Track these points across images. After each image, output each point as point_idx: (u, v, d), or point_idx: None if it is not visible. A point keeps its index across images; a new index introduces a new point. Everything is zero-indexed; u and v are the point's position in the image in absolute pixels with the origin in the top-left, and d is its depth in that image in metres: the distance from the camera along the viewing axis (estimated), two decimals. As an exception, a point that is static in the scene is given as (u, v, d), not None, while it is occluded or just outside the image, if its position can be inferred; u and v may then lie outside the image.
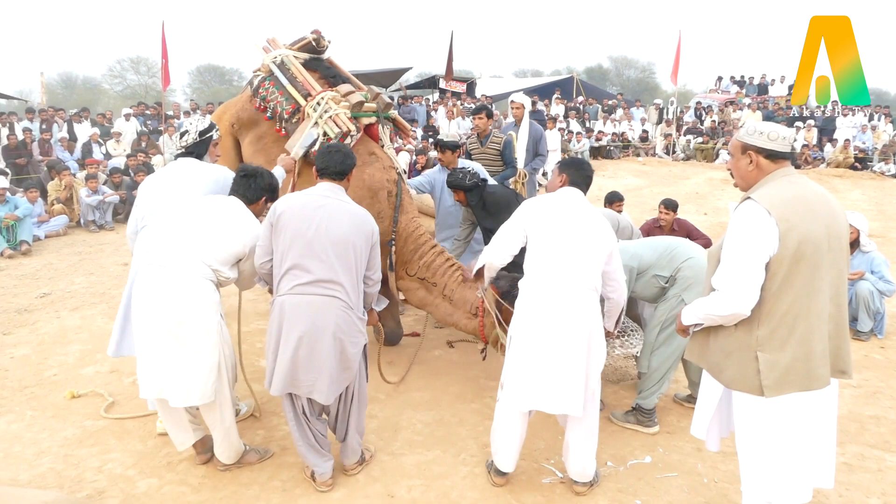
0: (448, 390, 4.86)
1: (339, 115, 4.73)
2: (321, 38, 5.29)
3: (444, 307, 4.79)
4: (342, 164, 3.56)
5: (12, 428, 4.21)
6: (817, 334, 2.65)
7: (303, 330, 3.30)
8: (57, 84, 41.36)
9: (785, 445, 2.71)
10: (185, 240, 3.45)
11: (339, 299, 3.34)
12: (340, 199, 3.52)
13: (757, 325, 2.67)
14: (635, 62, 49.63)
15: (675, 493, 3.69)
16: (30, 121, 14.88)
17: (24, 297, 7.07)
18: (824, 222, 2.65)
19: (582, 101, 23.98)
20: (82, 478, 3.69)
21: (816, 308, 2.64)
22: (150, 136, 14.58)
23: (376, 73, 25.12)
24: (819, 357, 2.65)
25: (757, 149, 2.78)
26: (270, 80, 5.07)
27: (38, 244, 9.48)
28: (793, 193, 2.67)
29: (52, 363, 5.27)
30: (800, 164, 18.03)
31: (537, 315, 3.39)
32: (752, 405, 2.74)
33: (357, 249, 3.41)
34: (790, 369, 2.63)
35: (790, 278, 2.61)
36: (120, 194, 11.06)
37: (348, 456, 3.72)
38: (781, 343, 2.64)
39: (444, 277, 4.83)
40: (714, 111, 22.60)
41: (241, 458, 3.79)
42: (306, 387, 3.38)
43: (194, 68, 45.58)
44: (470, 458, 3.97)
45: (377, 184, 4.83)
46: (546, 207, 3.58)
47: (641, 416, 4.33)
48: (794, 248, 2.58)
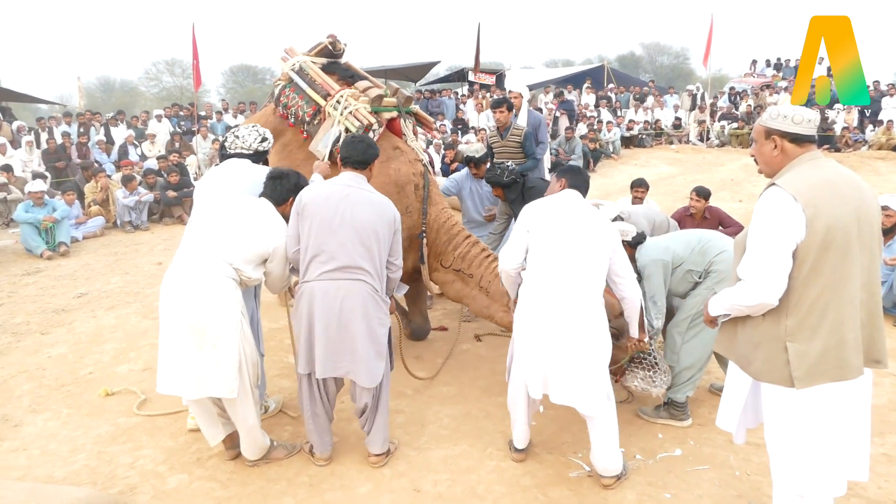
0: (475, 385, 4.85)
1: (359, 109, 4.76)
2: (336, 42, 5.39)
3: (481, 299, 4.73)
4: (364, 154, 3.64)
5: (49, 426, 4.32)
6: (849, 322, 2.56)
7: (331, 314, 3.45)
8: (95, 88, 42.29)
9: (817, 437, 2.63)
10: (210, 239, 3.53)
11: (365, 282, 3.48)
12: (363, 188, 3.61)
13: (785, 315, 2.59)
14: (668, 48, 48.93)
15: (706, 486, 3.62)
16: (68, 125, 15.24)
17: (62, 297, 7.24)
18: (853, 206, 2.55)
19: (612, 87, 23.66)
20: (115, 474, 3.76)
21: (847, 296, 2.55)
22: (182, 137, 14.80)
23: (405, 67, 25.16)
24: (851, 346, 2.56)
25: (781, 133, 2.69)
26: (290, 87, 5.13)
27: (76, 245, 9.70)
28: (820, 178, 2.58)
29: (88, 362, 5.38)
30: (840, 146, 17.56)
31: (539, 309, 3.44)
32: (782, 397, 2.66)
33: (379, 236, 3.52)
34: (821, 359, 2.55)
35: (819, 266, 2.52)
36: (154, 195, 11.25)
37: (376, 444, 3.77)
38: (811, 332, 2.56)
39: (480, 269, 4.77)
40: (749, 96, 22.10)
41: (269, 454, 3.82)
42: (344, 368, 3.54)
43: (227, 69, 46.27)
44: (497, 452, 3.94)
45: (403, 178, 4.83)
46: (547, 208, 3.61)
47: (675, 411, 4.26)
48: (823, 235, 2.50)
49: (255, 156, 4.14)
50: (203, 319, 3.38)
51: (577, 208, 3.58)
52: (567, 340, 3.37)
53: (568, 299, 3.38)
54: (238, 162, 4.06)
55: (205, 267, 3.45)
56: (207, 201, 3.81)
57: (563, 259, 3.43)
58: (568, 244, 3.45)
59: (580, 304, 3.38)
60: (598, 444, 3.52)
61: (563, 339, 3.38)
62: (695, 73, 43.42)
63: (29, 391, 4.83)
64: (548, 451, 3.94)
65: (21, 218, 9.17)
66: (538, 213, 3.61)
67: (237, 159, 4.08)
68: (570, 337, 3.37)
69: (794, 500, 2.76)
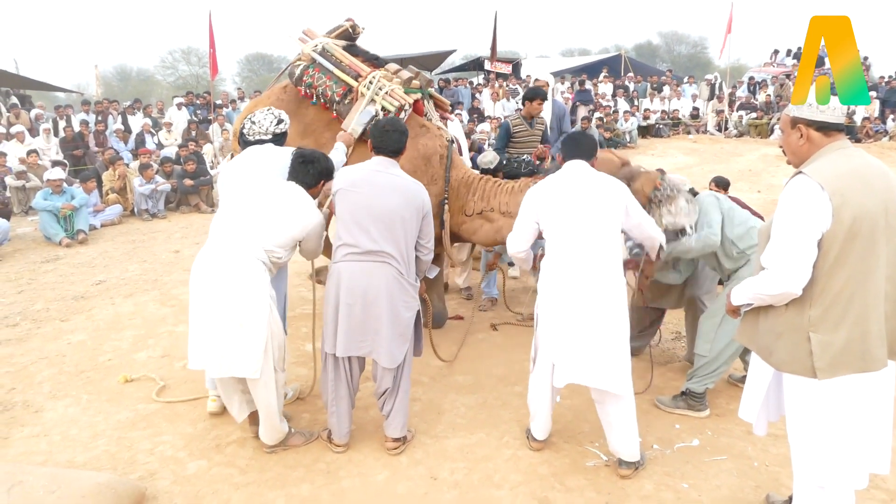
0: (492, 373, 4.84)
1: (395, 90, 4.93)
2: (356, 26, 5.49)
3: (509, 223, 4.55)
4: (398, 143, 3.70)
5: (69, 411, 4.36)
6: (874, 314, 2.53)
7: (356, 294, 3.53)
8: (112, 77, 42.49)
9: (839, 429, 2.60)
10: (243, 224, 3.58)
11: (390, 265, 3.54)
12: (392, 174, 3.65)
13: (809, 305, 2.56)
14: (686, 37, 48.45)
15: (724, 476, 3.60)
16: (86, 113, 15.33)
17: (81, 284, 7.30)
18: (882, 197, 2.52)
19: (630, 76, 23.46)
20: (135, 460, 3.80)
21: (873, 287, 2.52)
22: (199, 126, 14.85)
23: (421, 56, 25.08)
24: (875, 338, 2.54)
25: (807, 121, 2.65)
26: (315, 67, 5.17)
27: (94, 233, 9.77)
28: (848, 167, 2.54)
29: (107, 348, 5.43)
30: (860, 137, 17.32)
31: (561, 297, 3.47)
32: (805, 388, 2.63)
33: (406, 222, 3.56)
34: (845, 350, 2.53)
35: (844, 256, 2.49)
36: (171, 183, 11.31)
37: (395, 429, 3.79)
38: (835, 323, 2.53)
39: (496, 198, 4.99)
40: (768, 85, 21.85)
41: (286, 441, 3.85)
42: (367, 347, 3.61)
43: (243, 57, 46.32)
44: (513, 440, 3.94)
45: (430, 151, 5.04)
46: (551, 190, 3.60)
47: (692, 401, 4.24)
48: (849, 224, 2.46)
49: (275, 139, 4.16)
50: (232, 300, 3.42)
51: (579, 181, 3.56)
52: (592, 324, 3.40)
53: (588, 283, 3.40)
54: (261, 148, 4.07)
55: (237, 250, 3.49)
56: (237, 188, 3.83)
57: (577, 242, 3.45)
58: (579, 225, 3.45)
59: (601, 285, 3.41)
60: (620, 428, 3.51)
61: (587, 324, 3.40)
62: (713, 62, 42.89)
63: (49, 377, 4.88)
64: (564, 441, 3.93)
65: (40, 206, 9.25)
66: (543, 198, 3.60)
67: (259, 146, 4.10)
68: (594, 320, 3.40)
69: (815, 491, 2.74)
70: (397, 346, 3.61)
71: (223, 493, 3.49)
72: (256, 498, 3.45)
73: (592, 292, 3.40)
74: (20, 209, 10.95)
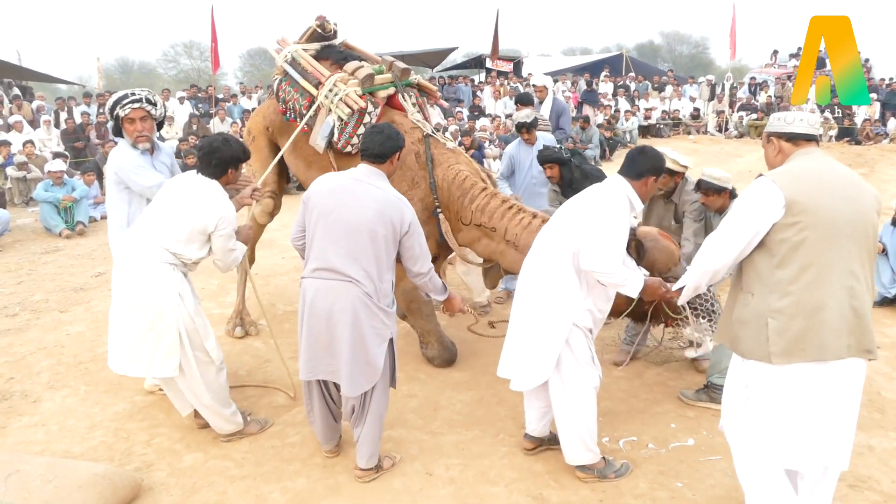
0: (488, 370, 4.84)
1: (349, 94, 4.57)
2: (325, 23, 5.18)
3: (512, 254, 4.40)
4: (381, 146, 3.36)
5: (67, 402, 4.38)
6: (833, 306, 2.62)
7: (321, 315, 3.27)
8: (114, 69, 42.40)
9: (792, 415, 2.70)
10: (144, 225, 3.64)
11: (356, 287, 3.23)
12: (372, 184, 3.32)
13: (770, 292, 2.69)
14: (688, 37, 48.34)
15: (719, 476, 3.62)
16: (87, 105, 15.32)
17: (81, 275, 7.32)
18: (843, 196, 2.65)
19: (632, 76, 23.46)
20: (131, 451, 3.82)
21: (833, 280, 2.63)
22: (200, 119, 14.85)
23: (422, 53, 25.06)
24: (831, 329, 2.62)
25: (777, 134, 2.86)
26: (286, 80, 4.95)
27: (94, 225, 9.79)
28: (809, 167, 2.72)
29: (106, 340, 5.36)
30: (860, 139, 17.33)
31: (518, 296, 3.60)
32: (763, 373, 2.75)
33: (378, 237, 3.22)
34: (800, 339, 2.63)
35: (802, 246, 2.62)
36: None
37: (362, 458, 3.52)
38: (793, 312, 2.64)
39: (503, 221, 4.43)
40: (769, 86, 21.84)
41: (244, 430, 3.93)
42: (327, 372, 3.37)
43: (245, 51, 46.13)
44: (509, 437, 3.96)
45: (402, 152, 4.71)
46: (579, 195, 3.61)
47: (714, 394, 4.24)
48: (803, 216, 2.61)
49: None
50: (137, 303, 3.52)
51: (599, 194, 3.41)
52: (522, 321, 3.50)
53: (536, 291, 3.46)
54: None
55: (139, 253, 3.56)
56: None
57: (540, 253, 3.50)
58: (546, 237, 3.52)
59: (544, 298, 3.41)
60: (561, 429, 3.52)
61: (519, 320, 3.52)
62: (714, 62, 42.94)
63: (48, 368, 4.90)
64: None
65: (41, 197, 9.26)
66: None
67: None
68: (524, 311, 3.50)
69: (761, 472, 2.84)
70: (361, 373, 3.30)
71: (219, 485, 3.51)
72: (252, 491, 3.47)
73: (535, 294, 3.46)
74: (21, 200, 10.95)
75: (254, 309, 5.56)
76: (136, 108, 3.98)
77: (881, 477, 3.62)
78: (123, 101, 3.99)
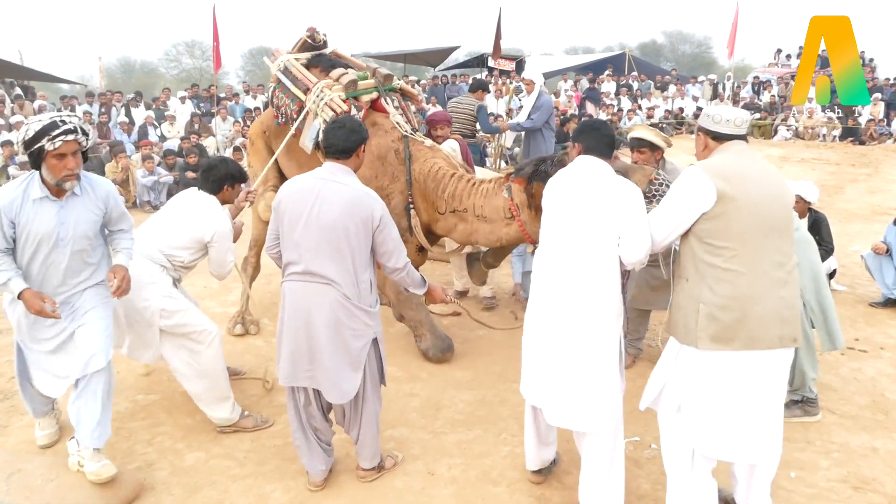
0: (490, 370, 4.85)
1: (333, 99, 4.85)
2: (315, 34, 5.54)
3: (483, 228, 4.56)
4: (346, 141, 3.27)
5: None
6: (762, 295, 2.73)
7: (299, 318, 3.22)
8: (116, 69, 42.42)
9: (720, 405, 2.78)
10: (146, 231, 3.97)
11: (333, 288, 3.18)
12: (338, 181, 3.23)
13: (702, 279, 2.80)
14: (690, 37, 48.25)
15: (722, 477, 3.57)
16: (89, 104, 15.32)
17: (83, 275, 7.30)
18: (768, 190, 2.79)
19: (634, 75, 23.43)
20: (133, 450, 3.81)
21: (762, 270, 2.74)
22: (202, 119, 14.85)
23: (424, 52, 25.03)
24: (761, 320, 2.72)
25: (705, 130, 2.98)
26: (279, 87, 5.29)
27: (97, 224, 9.76)
28: (735, 160, 2.83)
29: (107, 339, 5.42)
30: (864, 139, 17.29)
31: (544, 304, 3.15)
32: (692, 359, 2.83)
33: (350, 234, 3.16)
34: (729, 327, 2.73)
35: (731, 236, 2.73)
36: (174, 175, 11.32)
37: (364, 458, 3.51)
38: (723, 301, 2.74)
39: (469, 199, 4.58)
40: (773, 86, 21.80)
41: (238, 423, 4.00)
42: (307, 378, 3.28)
43: (247, 51, 46.20)
44: (511, 437, 3.95)
45: (383, 149, 4.90)
46: (560, 183, 3.19)
47: (808, 407, 4.18)
48: (732, 206, 2.72)
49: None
50: (125, 302, 3.71)
51: (589, 180, 3.07)
52: (569, 353, 3.03)
53: (575, 301, 3.01)
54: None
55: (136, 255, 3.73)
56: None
57: (570, 251, 3.04)
58: (575, 232, 3.03)
59: (588, 308, 3.00)
60: (589, 472, 3.17)
61: (565, 352, 3.04)
62: (717, 62, 42.83)
63: (49, 367, 4.88)
64: (564, 440, 3.92)
65: (43, 196, 9.24)
66: (552, 190, 3.22)
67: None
68: (573, 349, 3.02)
69: (685, 458, 2.93)
70: (346, 378, 3.25)
71: (221, 484, 3.51)
72: (254, 490, 3.47)
73: (576, 316, 3.01)
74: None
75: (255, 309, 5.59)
76: (70, 140, 3.18)
77: (885, 479, 3.60)
78: (52, 130, 3.12)
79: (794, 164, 15.00)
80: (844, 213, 10.66)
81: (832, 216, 8.21)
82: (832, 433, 4.08)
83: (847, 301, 6.48)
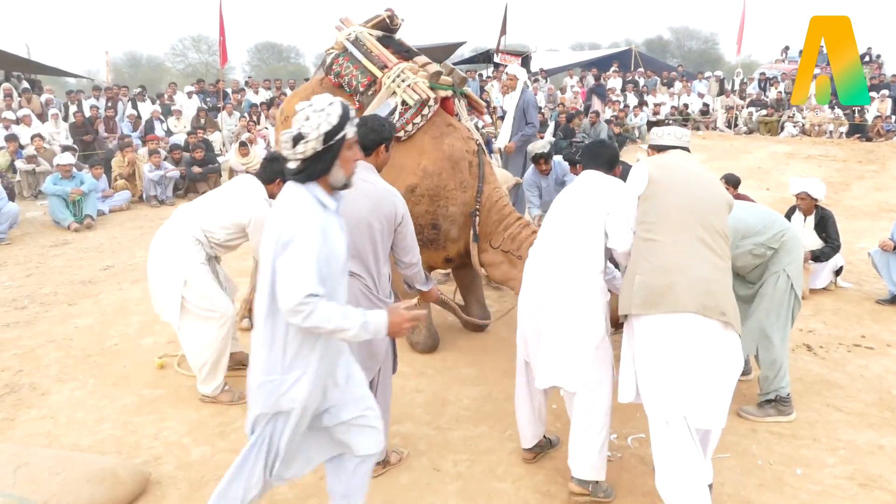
0: (496, 366, 4.84)
1: (418, 83, 4.77)
2: (395, 16, 5.40)
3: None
4: (364, 139, 3.23)
5: (75, 395, 4.39)
6: (685, 263, 3.02)
7: None
8: (122, 63, 42.45)
9: (656, 364, 2.98)
10: (194, 205, 4.35)
11: (356, 280, 3.21)
12: (361, 178, 3.11)
13: (639, 254, 3.16)
14: (697, 33, 48.06)
15: (727, 474, 3.60)
16: (96, 98, 15.35)
17: (89, 269, 7.34)
18: (693, 179, 3.23)
19: (641, 71, 23.35)
20: (139, 444, 3.82)
21: (683, 242, 3.06)
22: (208, 113, 14.87)
23: (430, 47, 24.93)
24: (684, 287, 2.97)
25: (652, 146, 3.57)
26: (345, 56, 5.18)
27: (102, 218, 9.81)
28: (671, 158, 3.37)
29: (114, 333, 5.46)
30: (871, 136, 17.20)
31: (530, 293, 3.48)
32: (633, 325, 3.12)
33: (374, 230, 3.22)
34: (657, 292, 3.00)
35: (657, 211, 3.12)
36: (180, 170, 11.34)
37: None
38: (653, 269, 3.05)
39: (528, 250, 4.48)
40: (779, 82, 21.70)
41: (217, 397, 4.28)
42: None
43: (253, 46, 46.16)
44: (517, 434, 3.92)
45: (457, 153, 4.81)
46: (565, 194, 3.56)
47: (782, 406, 4.17)
48: (660, 187, 3.15)
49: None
50: (155, 262, 4.19)
51: (585, 184, 3.44)
52: (552, 322, 3.30)
53: (563, 276, 3.30)
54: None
55: (176, 227, 4.21)
56: None
57: (561, 236, 3.39)
58: (563, 227, 3.39)
59: (568, 287, 3.28)
60: (577, 437, 3.31)
61: (548, 321, 3.32)
62: (723, 58, 42.72)
63: (56, 360, 4.91)
64: (568, 435, 3.93)
65: (49, 190, 9.28)
66: (557, 200, 3.56)
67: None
68: (554, 318, 3.30)
69: (661, 426, 3.00)
70: (363, 365, 3.17)
71: (227, 479, 3.50)
72: (260, 485, 3.46)
73: (556, 294, 3.30)
74: (30, 193, 10.99)
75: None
76: None
77: (891, 476, 3.59)
78: (350, 113, 2.55)
79: (801, 160, 14.93)
80: (851, 209, 10.61)
81: (839, 213, 8.18)
82: (838, 430, 4.07)
83: (853, 298, 6.46)
